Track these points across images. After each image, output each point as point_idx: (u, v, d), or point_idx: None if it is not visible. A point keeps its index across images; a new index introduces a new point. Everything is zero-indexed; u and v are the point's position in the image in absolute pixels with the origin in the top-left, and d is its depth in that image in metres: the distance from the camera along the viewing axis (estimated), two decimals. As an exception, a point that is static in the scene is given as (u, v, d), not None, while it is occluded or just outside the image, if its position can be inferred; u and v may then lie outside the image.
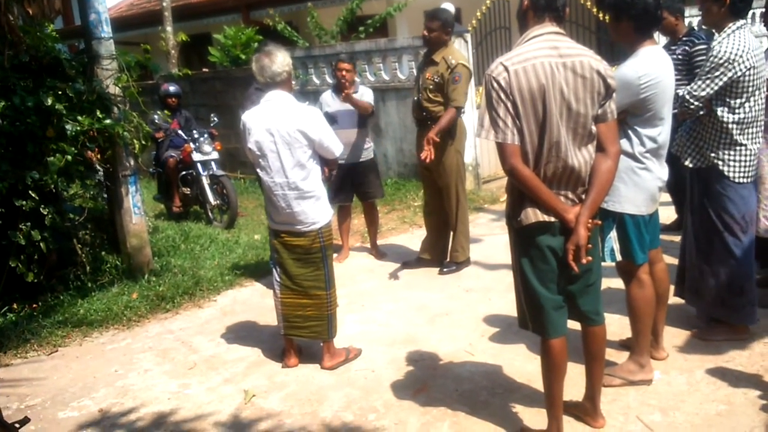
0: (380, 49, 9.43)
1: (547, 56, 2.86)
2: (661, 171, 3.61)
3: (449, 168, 5.81)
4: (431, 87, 5.66)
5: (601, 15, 9.66)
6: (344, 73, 6.16)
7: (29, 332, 5.23)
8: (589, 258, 2.97)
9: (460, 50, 7.39)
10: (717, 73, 3.75)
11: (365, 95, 6.28)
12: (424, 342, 4.66)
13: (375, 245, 6.79)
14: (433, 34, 5.65)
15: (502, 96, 2.85)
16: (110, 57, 6.02)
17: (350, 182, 6.47)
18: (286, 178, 4.10)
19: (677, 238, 5.90)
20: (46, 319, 5.45)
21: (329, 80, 10.03)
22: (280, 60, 4.12)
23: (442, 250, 6.20)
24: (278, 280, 4.35)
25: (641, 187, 3.55)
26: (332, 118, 6.00)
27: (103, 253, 6.51)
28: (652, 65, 3.46)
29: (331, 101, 6.34)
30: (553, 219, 2.95)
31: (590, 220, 2.96)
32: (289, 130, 4.04)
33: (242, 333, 5.11)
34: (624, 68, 3.46)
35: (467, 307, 5.20)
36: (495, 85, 2.86)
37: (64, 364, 4.83)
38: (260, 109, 4.15)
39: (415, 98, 5.88)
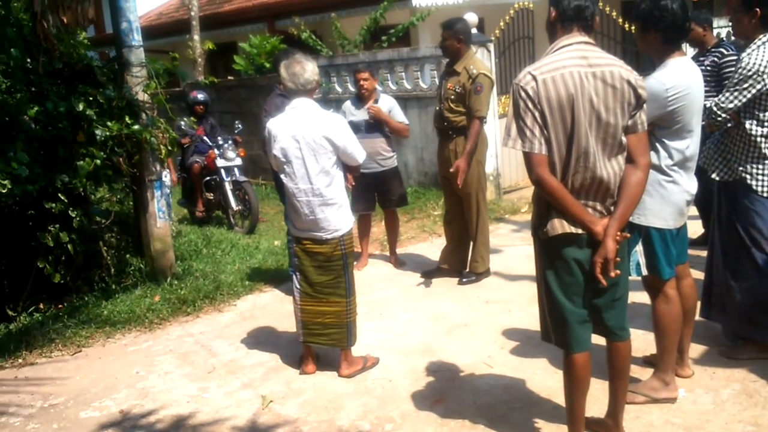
0: (402, 59, 9.45)
1: (576, 66, 2.85)
2: (689, 184, 3.56)
3: (470, 177, 5.79)
4: (453, 97, 5.67)
5: (627, 25, 9.62)
6: (362, 82, 6.25)
7: (54, 332, 5.30)
8: (618, 271, 2.93)
9: (483, 60, 7.40)
10: (745, 85, 3.70)
11: (388, 106, 6.28)
12: (443, 352, 4.64)
13: (394, 253, 6.77)
14: (446, 43, 5.70)
15: (530, 105, 2.84)
16: (140, 64, 6.11)
17: (373, 191, 6.48)
18: (310, 184, 4.12)
19: (704, 253, 5.85)
20: (70, 319, 5.52)
21: (351, 89, 10.08)
22: (311, 68, 4.16)
23: (462, 260, 6.17)
24: (298, 286, 4.36)
25: (668, 200, 3.51)
26: (356, 127, 5.90)
27: (127, 255, 6.59)
28: (680, 77, 3.41)
29: (353, 110, 6.37)
30: (580, 231, 2.92)
31: (619, 233, 2.92)
32: (314, 137, 4.07)
33: (261, 338, 5.13)
34: (652, 80, 3.40)
35: (487, 319, 5.17)
36: (522, 94, 2.85)
37: (87, 365, 4.88)
38: (286, 116, 4.18)
39: (437, 108, 5.89)
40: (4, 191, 5.03)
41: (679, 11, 3.41)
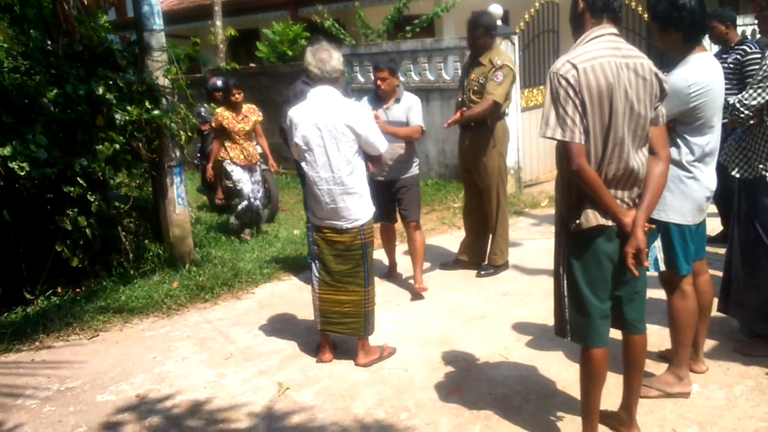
0: (426, 49, 9.42)
1: (612, 56, 2.85)
2: (709, 180, 3.54)
3: (491, 170, 5.78)
4: (476, 88, 5.64)
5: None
6: (379, 82, 5.44)
7: (72, 316, 5.35)
8: (648, 261, 2.95)
9: (507, 52, 7.34)
10: (769, 83, 3.67)
11: (407, 106, 5.48)
12: (459, 343, 4.65)
13: (418, 277, 5.68)
14: (479, 41, 5.64)
15: (571, 93, 2.82)
16: (161, 49, 6.12)
17: (389, 200, 5.65)
18: (331, 172, 4.12)
19: (722, 250, 5.79)
20: (88, 303, 5.57)
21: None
22: (337, 57, 4.18)
23: (481, 252, 6.16)
24: (317, 275, 4.37)
25: (688, 196, 3.49)
26: None
27: (146, 241, 6.63)
28: (701, 73, 3.40)
29: (369, 109, 5.50)
30: (611, 223, 2.92)
31: (645, 224, 2.93)
32: (336, 125, 4.07)
33: (278, 326, 5.15)
34: (673, 76, 3.39)
35: (503, 311, 5.17)
36: (563, 82, 2.83)
37: (104, 349, 4.92)
38: (307, 104, 4.18)
39: (459, 99, 5.85)
40: (22, 174, 5.08)
41: (697, 8, 3.40)
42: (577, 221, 2.95)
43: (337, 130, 4.07)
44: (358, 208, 4.20)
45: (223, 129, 7.40)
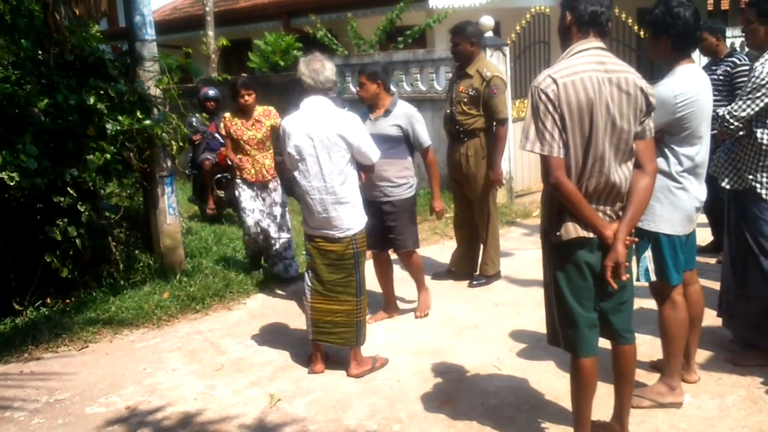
0: (418, 60, 9.44)
1: (594, 71, 2.86)
2: (698, 191, 3.56)
3: (481, 180, 5.79)
4: (465, 100, 5.66)
5: (642, 33, 9.57)
6: (358, 89, 5.08)
7: (61, 327, 5.31)
8: (628, 275, 2.96)
9: (498, 64, 7.37)
10: (759, 94, 3.70)
11: (406, 119, 5.01)
12: (451, 354, 4.64)
13: (421, 288, 5.41)
14: (459, 48, 5.67)
15: (550, 108, 2.84)
16: (152, 59, 6.10)
17: (379, 224, 5.03)
18: (324, 182, 4.13)
19: (713, 260, 5.84)
20: (78, 314, 5.53)
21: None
22: (330, 67, 4.22)
23: (472, 263, 6.16)
24: (309, 284, 4.37)
25: (677, 206, 3.51)
26: None
27: (136, 251, 6.60)
28: (688, 84, 3.43)
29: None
30: (592, 235, 2.93)
31: (628, 237, 2.94)
32: (328, 135, 4.08)
33: (270, 337, 5.13)
34: (660, 87, 3.41)
35: (496, 321, 5.16)
36: (543, 97, 2.85)
37: (93, 360, 4.89)
38: (300, 113, 4.19)
39: (448, 111, 5.86)
40: (12, 184, 5.04)
41: (691, 20, 3.43)
42: (558, 233, 2.97)
43: (329, 140, 4.08)
44: (350, 217, 4.20)
45: (232, 138, 6.23)
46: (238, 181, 6.22)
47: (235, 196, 6.35)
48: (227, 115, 6.34)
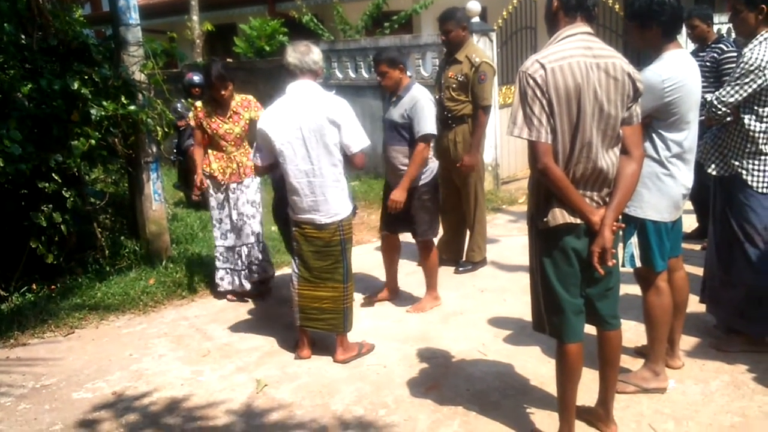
0: (404, 46, 9.39)
1: (582, 56, 2.85)
2: (685, 178, 3.58)
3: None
4: (454, 86, 5.64)
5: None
6: (379, 78, 5.00)
7: (47, 313, 5.29)
8: (614, 261, 2.97)
9: (485, 49, 7.36)
10: (747, 80, 3.71)
11: (410, 106, 4.85)
12: (437, 340, 4.66)
13: (429, 289, 5.32)
14: (452, 35, 5.63)
15: (538, 93, 2.83)
16: (137, 44, 6.05)
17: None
18: (311, 165, 4.12)
19: (698, 247, 5.88)
20: (64, 300, 5.51)
21: (352, 75, 10.04)
22: (317, 51, 4.24)
23: (459, 249, 6.18)
24: (296, 271, 4.36)
25: (665, 193, 3.52)
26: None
27: (122, 237, 6.58)
28: (676, 69, 3.43)
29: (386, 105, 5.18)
30: (579, 221, 2.93)
31: (614, 223, 2.95)
32: (316, 118, 4.07)
33: (256, 323, 5.14)
34: (647, 72, 3.41)
35: (482, 307, 5.18)
36: (531, 82, 2.84)
37: (80, 346, 4.87)
38: (287, 97, 4.17)
39: (437, 97, 5.83)
40: (-5, 170, 5.00)
41: (675, 3, 3.44)
42: (545, 219, 2.97)
43: (316, 123, 4.06)
44: (337, 202, 4.20)
45: (205, 132, 5.39)
46: (208, 182, 5.46)
47: (205, 199, 5.79)
48: (198, 104, 5.46)
